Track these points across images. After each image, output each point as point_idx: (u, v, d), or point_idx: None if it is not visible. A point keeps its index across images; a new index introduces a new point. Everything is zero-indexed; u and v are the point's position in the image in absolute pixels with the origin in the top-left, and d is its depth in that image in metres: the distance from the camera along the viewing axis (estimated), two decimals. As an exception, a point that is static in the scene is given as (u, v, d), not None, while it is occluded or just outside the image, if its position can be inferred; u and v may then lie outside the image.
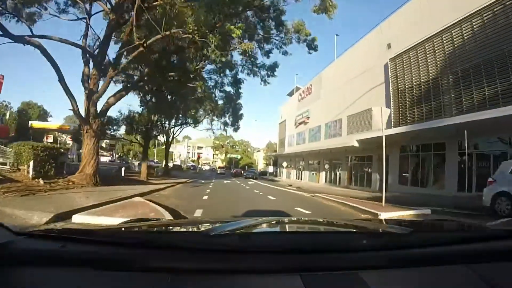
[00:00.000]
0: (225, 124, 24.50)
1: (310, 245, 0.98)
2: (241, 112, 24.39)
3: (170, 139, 25.49)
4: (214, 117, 24.67)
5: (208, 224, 1.51)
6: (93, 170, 10.45)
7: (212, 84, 18.13)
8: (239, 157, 72.76)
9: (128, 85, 13.06)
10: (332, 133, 26.50)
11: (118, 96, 11.55)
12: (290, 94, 44.45)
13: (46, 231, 1.04)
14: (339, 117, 25.17)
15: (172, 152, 78.32)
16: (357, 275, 0.83)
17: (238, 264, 0.87)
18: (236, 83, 16.80)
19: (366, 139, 17.78)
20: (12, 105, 51.58)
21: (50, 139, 37.61)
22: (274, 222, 1.66)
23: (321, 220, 2.10)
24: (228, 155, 75.13)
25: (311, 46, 13.74)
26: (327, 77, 29.14)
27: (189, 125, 25.17)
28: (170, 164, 53.55)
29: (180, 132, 26.84)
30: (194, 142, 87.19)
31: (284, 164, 33.20)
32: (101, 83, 11.14)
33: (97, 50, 11.55)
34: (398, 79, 18.12)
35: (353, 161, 23.64)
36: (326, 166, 27.26)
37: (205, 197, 10.83)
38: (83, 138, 10.80)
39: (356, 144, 18.85)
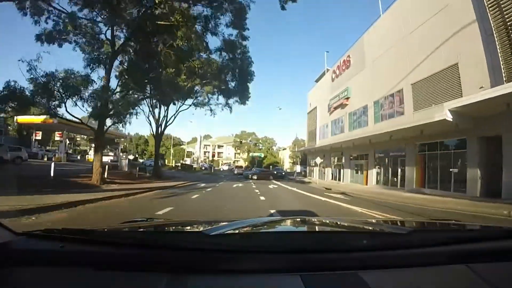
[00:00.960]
0: (228, 94, 16.52)
1: (310, 245, 0.98)
2: (251, 68, 16.21)
3: (163, 126, 18.87)
4: (208, 82, 15.95)
5: (208, 224, 1.47)
6: None
7: (201, 25, 10.88)
8: (262, 155, 65.47)
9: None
10: (388, 113, 18.73)
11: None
12: (318, 80, 37.02)
13: (46, 231, 1.01)
14: (397, 88, 17.50)
15: (191, 151, 73.70)
16: (357, 275, 0.82)
17: (238, 264, 0.85)
18: (239, 15, 9.62)
19: (485, 100, 9.74)
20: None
21: (39, 136, 32.80)
22: (274, 222, 1.64)
23: (321, 220, 2.06)
24: (251, 154, 68.18)
25: None
26: (372, 39, 21.42)
27: (171, 100, 16.88)
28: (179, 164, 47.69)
29: (175, 117, 19.57)
30: (214, 141, 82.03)
31: (318, 160, 25.54)
32: None
33: None
34: (504, 9, 10.93)
35: (420, 151, 15.68)
36: (376, 162, 19.53)
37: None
38: None
39: (449, 117, 10.94)
